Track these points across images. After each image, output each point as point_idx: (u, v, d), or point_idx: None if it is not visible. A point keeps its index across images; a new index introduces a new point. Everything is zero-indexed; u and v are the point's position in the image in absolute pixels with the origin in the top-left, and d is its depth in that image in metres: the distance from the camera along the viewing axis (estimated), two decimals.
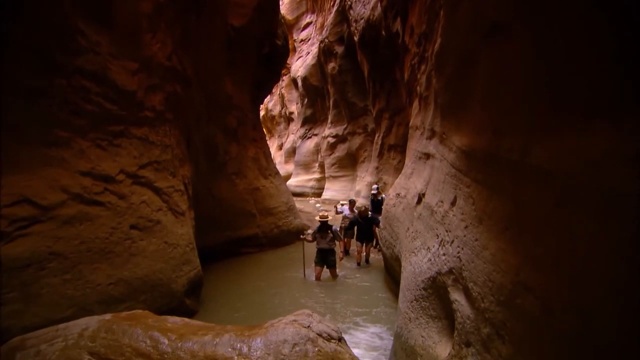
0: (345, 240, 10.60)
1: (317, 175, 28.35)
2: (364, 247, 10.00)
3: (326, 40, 23.07)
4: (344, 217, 11.00)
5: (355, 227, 10.12)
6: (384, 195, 13.07)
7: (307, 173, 29.39)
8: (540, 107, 1.98)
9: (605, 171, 1.45)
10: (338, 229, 9.17)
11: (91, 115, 5.48)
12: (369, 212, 10.25)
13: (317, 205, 22.52)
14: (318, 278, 8.47)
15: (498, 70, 2.61)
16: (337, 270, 8.74)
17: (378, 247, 10.68)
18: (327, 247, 8.49)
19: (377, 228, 10.40)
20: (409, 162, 7.07)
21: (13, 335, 3.74)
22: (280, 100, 38.12)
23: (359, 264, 9.78)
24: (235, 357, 3.12)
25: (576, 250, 1.59)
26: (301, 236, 9.05)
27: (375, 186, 13.34)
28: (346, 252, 10.59)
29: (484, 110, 2.91)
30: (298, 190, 27.29)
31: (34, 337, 3.50)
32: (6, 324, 4.12)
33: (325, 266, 8.53)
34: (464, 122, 3.46)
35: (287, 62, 24.63)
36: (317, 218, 8.72)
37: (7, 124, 4.66)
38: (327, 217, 8.66)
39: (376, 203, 11.85)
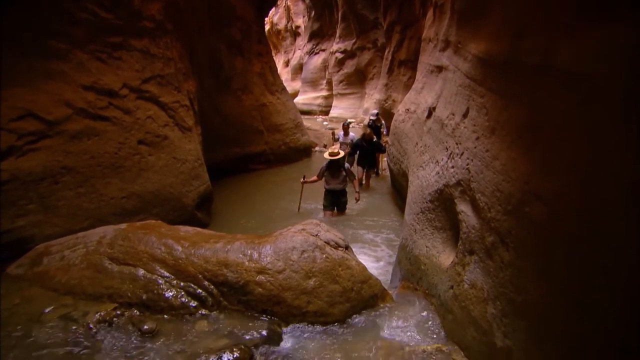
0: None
1: (324, 93, 27.69)
2: (364, 173, 9.47)
3: None
4: (341, 143, 10.17)
5: (358, 152, 9.45)
6: (383, 122, 12.73)
7: (314, 90, 28.68)
8: (568, 3, 1.80)
9: (634, 70, 1.35)
10: (349, 166, 7.84)
11: (87, 25, 5.22)
12: (374, 137, 9.74)
13: (325, 123, 22.31)
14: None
15: None
16: None
17: (378, 172, 10.52)
18: (339, 187, 7.35)
19: (380, 154, 10.15)
20: (420, 77, 6.79)
21: (37, 243, 3.97)
22: (286, 13, 35.93)
23: (361, 184, 9.01)
24: (246, 263, 3.28)
25: (592, 155, 1.54)
26: (301, 180, 7.57)
27: (374, 111, 12.76)
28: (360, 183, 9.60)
29: (505, 13, 2.69)
30: (305, 108, 26.78)
31: (58, 244, 3.70)
32: (30, 233, 4.36)
33: (335, 209, 7.50)
34: (482, 27, 3.23)
35: None
36: (326, 155, 7.33)
37: (3, 35, 4.47)
38: (339, 154, 7.28)
39: (375, 129, 11.36)
